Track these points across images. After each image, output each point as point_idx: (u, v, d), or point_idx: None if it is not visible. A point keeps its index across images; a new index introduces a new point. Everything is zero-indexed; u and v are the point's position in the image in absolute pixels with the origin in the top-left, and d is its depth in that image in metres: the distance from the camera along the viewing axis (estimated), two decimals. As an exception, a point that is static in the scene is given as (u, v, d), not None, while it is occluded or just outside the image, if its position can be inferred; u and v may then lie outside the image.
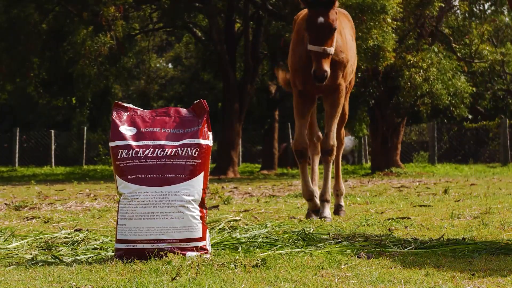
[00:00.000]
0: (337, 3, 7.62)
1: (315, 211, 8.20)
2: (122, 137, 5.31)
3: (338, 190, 8.78)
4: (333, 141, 8.09)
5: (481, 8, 28.16)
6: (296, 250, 5.35)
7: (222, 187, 15.12)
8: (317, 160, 8.82)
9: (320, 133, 8.76)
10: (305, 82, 8.00)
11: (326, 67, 7.50)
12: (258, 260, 4.82)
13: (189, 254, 5.06)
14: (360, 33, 19.17)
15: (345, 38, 8.13)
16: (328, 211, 8.11)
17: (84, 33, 23.07)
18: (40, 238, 6.18)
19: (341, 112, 8.45)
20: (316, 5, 7.55)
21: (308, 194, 8.18)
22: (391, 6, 19.70)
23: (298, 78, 8.05)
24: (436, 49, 23.84)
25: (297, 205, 10.19)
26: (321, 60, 7.49)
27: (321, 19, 7.51)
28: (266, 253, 5.17)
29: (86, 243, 5.89)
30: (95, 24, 23.26)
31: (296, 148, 8.13)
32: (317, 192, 8.36)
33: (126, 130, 5.35)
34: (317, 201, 8.18)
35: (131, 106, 5.47)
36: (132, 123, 5.38)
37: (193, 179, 5.23)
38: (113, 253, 5.25)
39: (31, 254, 5.46)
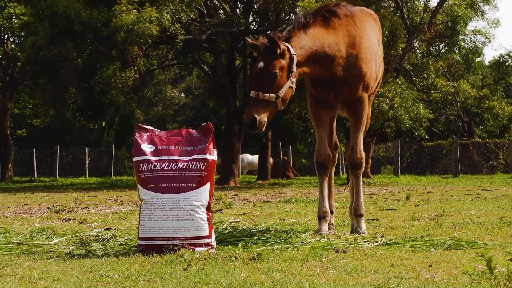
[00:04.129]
0: (279, 50, 5.73)
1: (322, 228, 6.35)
2: (143, 153, 5.33)
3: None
4: (361, 154, 6.35)
5: (437, 48, 28.23)
6: (286, 246, 5.35)
7: (225, 194, 15.09)
8: (331, 172, 6.81)
9: (337, 143, 6.96)
10: (315, 85, 6.31)
11: (257, 113, 5.62)
12: (254, 254, 4.82)
13: (198, 249, 5.06)
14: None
15: (367, 50, 6.27)
16: (364, 226, 6.46)
17: (113, 68, 23.10)
18: (76, 236, 6.18)
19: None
20: (260, 51, 5.82)
21: (322, 212, 6.37)
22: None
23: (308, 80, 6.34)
24: (400, 82, 23.86)
25: (287, 209, 10.16)
26: (253, 105, 5.66)
27: (261, 64, 5.75)
28: (261, 248, 5.17)
29: (114, 240, 5.89)
30: (122, 60, 23.32)
31: (317, 159, 6.33)
32: (331, 209, 6.75)
33: (146, 147, 5.37)
34: (326, 226, 6.38)
35: (150, 127, 5.50)
36: (151, 141, 5.40)
37: (201, 188, 5.24)
38: (135, 248, 5.25)
39: (69, 249, 5.46)
